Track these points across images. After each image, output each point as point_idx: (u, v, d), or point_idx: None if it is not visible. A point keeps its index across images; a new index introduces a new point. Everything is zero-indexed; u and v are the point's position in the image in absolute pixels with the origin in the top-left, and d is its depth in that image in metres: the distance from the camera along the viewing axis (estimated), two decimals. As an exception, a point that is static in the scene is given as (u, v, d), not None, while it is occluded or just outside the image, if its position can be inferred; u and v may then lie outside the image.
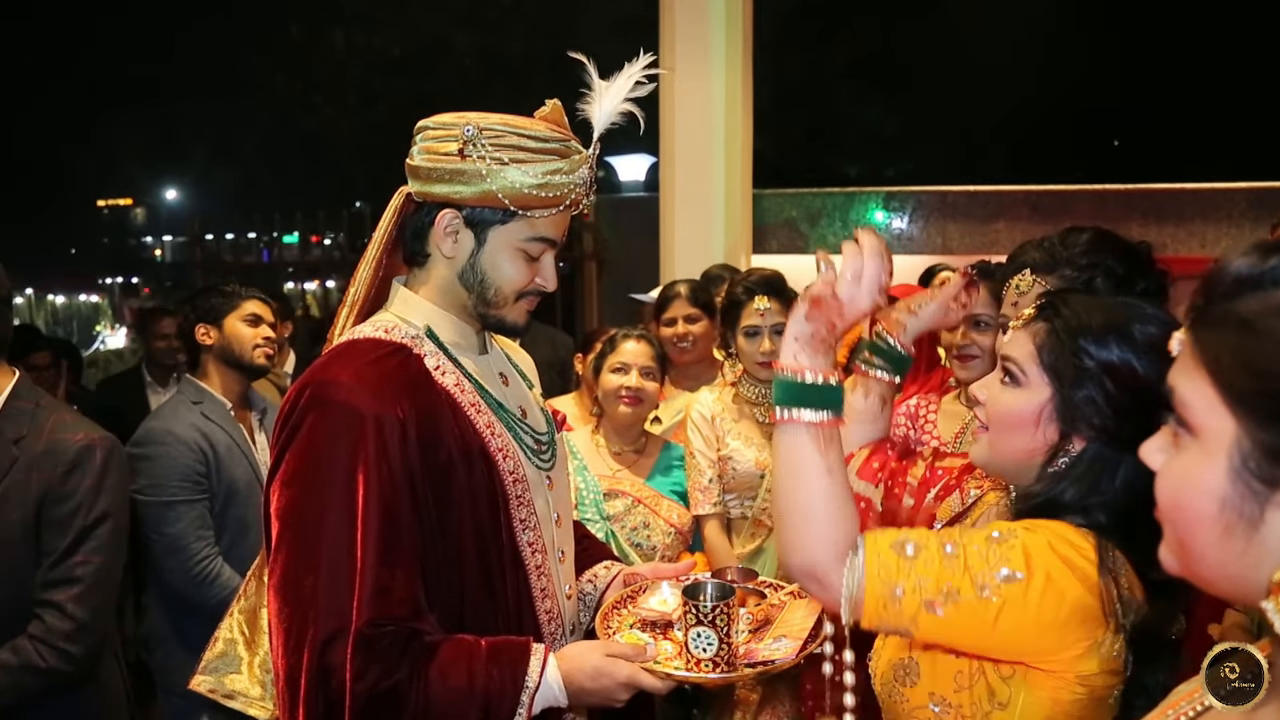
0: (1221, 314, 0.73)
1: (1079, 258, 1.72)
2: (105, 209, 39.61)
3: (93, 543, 1.86)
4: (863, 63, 14.94)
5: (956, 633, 1.19)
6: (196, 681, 1.74)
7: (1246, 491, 0.70)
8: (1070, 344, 1.26)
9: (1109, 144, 17.23)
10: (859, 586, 1.17)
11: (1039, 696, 1.22)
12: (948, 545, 1.19)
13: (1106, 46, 15.10)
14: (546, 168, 1.45)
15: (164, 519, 2.59)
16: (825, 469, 1.20)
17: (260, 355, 2.79)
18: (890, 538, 1.20)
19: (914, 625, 1.18)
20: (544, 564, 1.57)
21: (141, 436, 2.67)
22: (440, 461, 1.44)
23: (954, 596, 1.16)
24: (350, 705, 1.32)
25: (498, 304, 1.54)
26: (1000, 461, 1.35)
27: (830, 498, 1.20)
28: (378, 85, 15.17)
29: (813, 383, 1.22)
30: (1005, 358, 1.33)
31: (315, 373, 1.46)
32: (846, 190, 7.78)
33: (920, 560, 1.18)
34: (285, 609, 1.37)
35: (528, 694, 1.38)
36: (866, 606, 1.18)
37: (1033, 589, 1.16)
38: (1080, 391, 1.25)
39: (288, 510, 1.39)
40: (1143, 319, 1.27)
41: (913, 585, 1.17)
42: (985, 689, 1.25)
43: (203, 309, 2.80)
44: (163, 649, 2.74)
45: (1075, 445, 1.27)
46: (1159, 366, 1.20)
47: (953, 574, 1.17)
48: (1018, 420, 1.30)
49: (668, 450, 2.83)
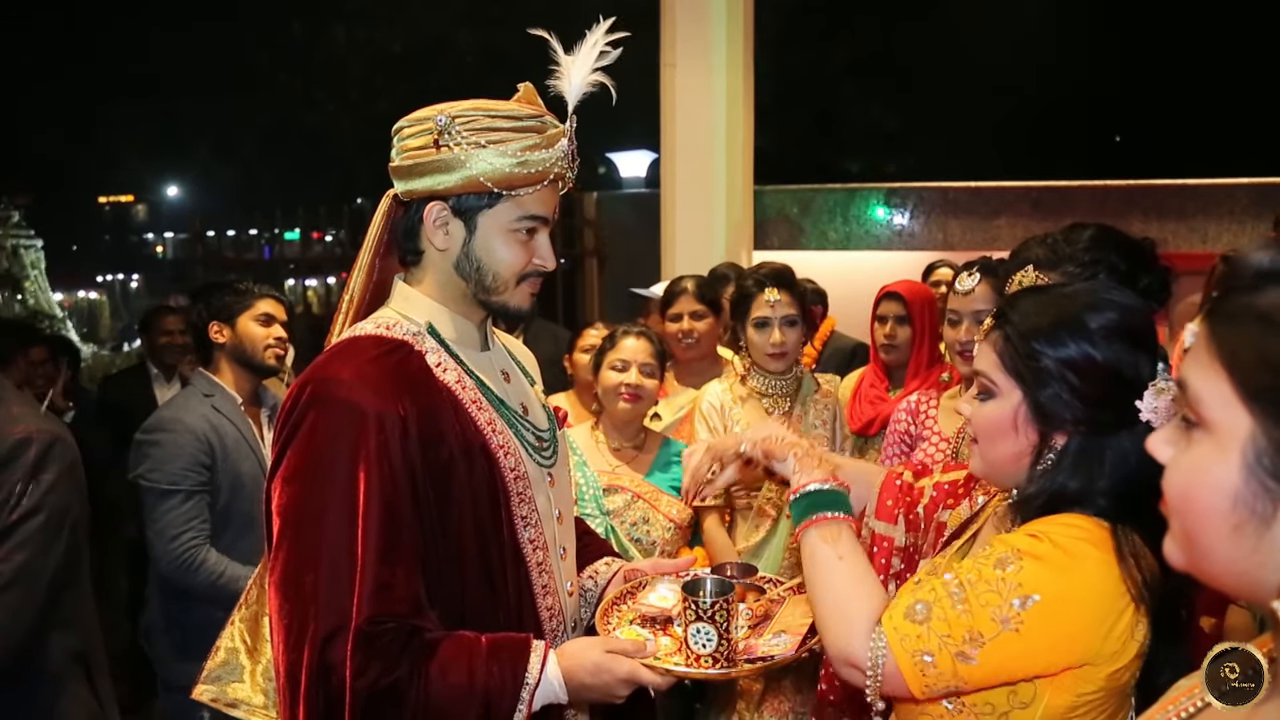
0: (1240, 308, 0.71)
1: (1081, 254, 1.73)
2: (106, 205, 39.64)
3: (16, 538, 1.78)
4: (864, 59, 14.92)
5: (1005, 669, 1.21)
6: (199, 691, 1.73)
7: (1260, 489, 0.69)
8: (1024, 347, 1.30)
9: (1111, 140, 17.21)
10: (892, 669, 1.23)
11: (1062, 696, 1.23)
12: (954, 591, 1.23)
13: (1108, 42, 15.07)
14: (523, 144, 1.45)
15: (159, 504, 2.61)
16: (838, 557, 1.34)
17: (272, 356, 2.81)
18: (902, 607, 1.26)
19: (961, 681, 1.22)
20: (545, 561, 1.56)
21: (151, 424, 2.71)
22: (441, 458, 1.44)
23: (979, 640, 1.19)
24: (350, 702, 1.32)
25: (497, 289, 1.53)
26: (993, 469, 1.39)
27: (849, 581, 1.33)
28: (379, 82, 15.16)
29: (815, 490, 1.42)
30: (976, 372, 1.38)
31: (316, 370, 1.46)
32: (848, 186, 7.77)
33: (935, 619, 1.22)
34: (285, 605, 1.37)
35: (528, 690, 1.38)
36: (910, 683, 1.23)
37: (1049, 605, 1.18)
38: (1046, 390, 1.28)
39: (289, 507, 1.39)
40: (1096, 306, 1.29)
41: (937, 645, 1.21)
42: (1005, 689, 1.25)
43: (216, 307, 2.81)
44: (162, 640, 2.75)
45: (1058, 441, 1.30)
46: (1118, 350, 1.26)
47: (969, 620, 1.20)
48: (998, 428, 1.34)
49: (667, 446, 2.84)
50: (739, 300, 2.83)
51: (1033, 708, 1.24)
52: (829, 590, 1.33)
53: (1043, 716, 1.23)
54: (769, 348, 2.74)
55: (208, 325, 2.80)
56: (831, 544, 1.35)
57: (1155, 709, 0.86)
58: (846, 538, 1.37)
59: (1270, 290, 0.70)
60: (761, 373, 2.82)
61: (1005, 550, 1.24)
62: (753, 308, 2.77)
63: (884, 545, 1.67)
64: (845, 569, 1.34)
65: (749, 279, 2.84)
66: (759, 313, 2.75)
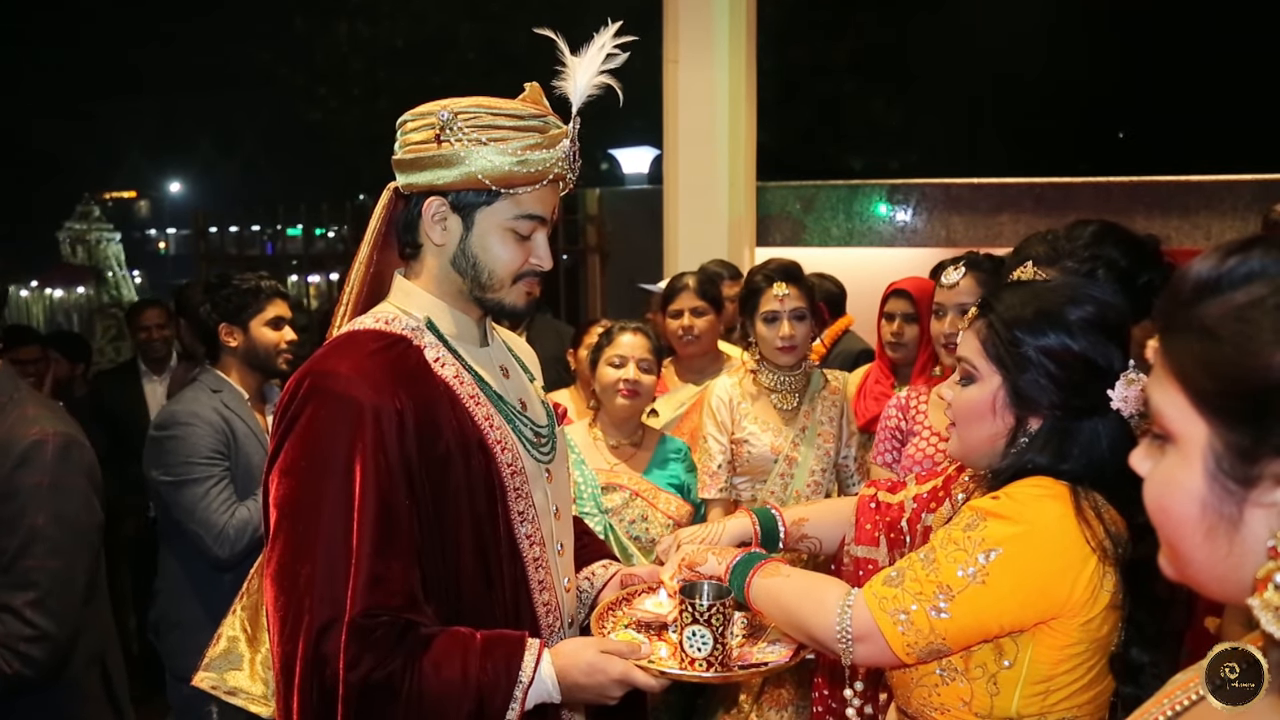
0: (1184, 321, 0.73)
1: (1081, 250, 1.73)
2: (109, 201, 39.65)
3: (46, 545, 1.76)
4: (866, 55, 14.87)
5: (978, 621, 1.29)
6: (199, 678, 1.74)
7: (1223, 492, 0.72)
8: (1006, 335, 1.39)
9: (1113, 136, 17.17)
10: (866, 625, 1.33)
11: (1044, 651, 1.30)
12: (922, 554, 1.34)
13: (1110, 38, 15.03)
14: (524, 143, 1.45)
15: (192, 496, 2.57)
16: (783, 578, 1.47)
17: (284, 361, 2.81)
18: (881, 576, 1.37)
19: (939, 638, 1.30)
20: (542, 556, 1.57)
21: (165, 420, 2.69)
22: (438, 453, 1.44)
23: (947, 592, 1.29)
24: (343, 694, 1.32)
25: (493, 287, 1.53)
26: (969, 451, 1.47)
27: (804, 584, 1.45)
28: (382, 77, 15.12)
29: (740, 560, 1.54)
30: (959, 358, 1.47)
31: (315, 364, 1.46)
32: (850, 183, 7.76)
33: (908, 578, 1.33)
34: (281, 597, 1.38)
35: (521, 688, 1.38)
36: (892, 645, 1.32)
37: (1011, 556, 1.27)
38: (1025, 376, 1.37)
39: (285, 499, 1.40)
40: (1076, 300, 1.37)
41: (910, 602, 1.31)
42: (993, 650, 1.33)
43: (226, 309, 2.79)
44: (175, 633, 2.72)
45: (1032, 424, 1.39)
46: (1094, 341, 1.35)
47: (937, 574, 1.30)
48: (977, 412, 1.43)
49: (665, 443, 2.85)
50: (748, 295, 2.85)
51: (1017, 666, 1.31)
52: (792, 598, 1.43)
53: (1030, 674, 1.31)
54: (778, 341, 2.75)
55: (217, 326, 2.79)
56: (773, 576, 1.48)
57: (1151, 703, 0.86)
58: (782, 567, 1.50)
59: (1208, 301, 0.72)
60: (770, 368, 2.83)
61: (971, 514, 1.34)
62: (761, 302, 2.78)
63: (869, 569, 1.70)
64: (796, 580, 1.46)
65: (758, 274, 2.85)
66: (768, 307, 2.77)
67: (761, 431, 2.81)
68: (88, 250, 21.65)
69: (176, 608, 2.73)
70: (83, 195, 21.84)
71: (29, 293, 20.61)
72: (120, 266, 21.86)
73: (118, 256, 21.92)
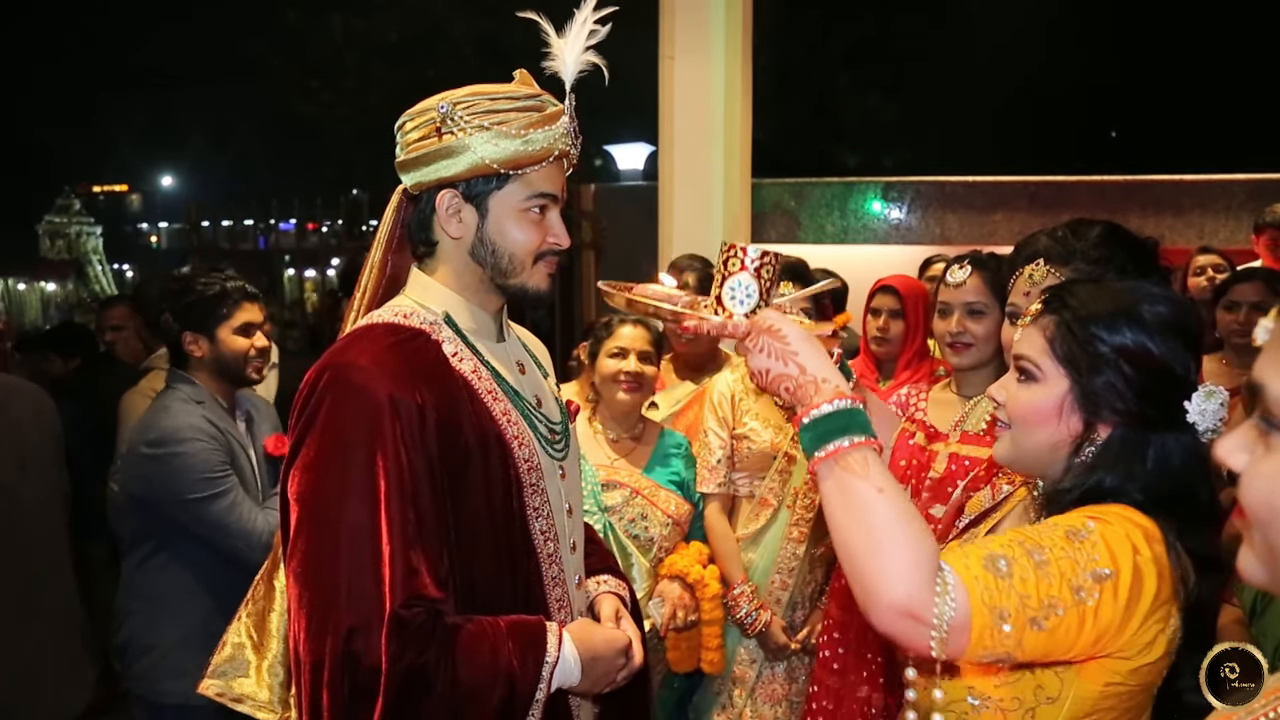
0: None
1: (1092, 250, 1.73)
2: (101, 195, 39.48)
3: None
4: (862, 52, 14.87)
5: (1062, 643, 1.13)
6: (205, 685, 1.74)
7: None
8: (1082, 333, 1.27)
9: (1107, 135, 17.20)
10: (964, 616, 1.07)
11: (1090, 688, 1.20)
12: (1034, 553, 1.13)
13: (1105, 37, 15.06)
14: (525, 121, 1.47)
15: (223, 509, 2.45)
16: (875, 489, 1.10)
17: (254, 371, 2.63)
18: (978, 555, 1.12)
19: (1018, 649, 1.11)
20: (555, 552, 1.58)
21: (159, 437, 2.47)
22: (458, 447, 1.45)
23: (1055, 608, 1.10)
24: (384, 687, 1.32)
25: (515, 271, 1.54)
26: (1025, 457, 1.34)
27: (894, 518, 1.09)
28: (375, 71, 15.07)
29: (829, 412, 1.16)
30: (1019, 356, 1.33)
31: (334, 355, 1.46)
32: (845, 180, 7.75)
33: (1016, 577, 1.10)
34: (306, 594, 1.37)
35: (548, 669, 1.41)
36: (973, 641, 1.09)
37: (1122, 583, 1.13)
38: (1099, 378, 1.25)
39: (308, 494, 1.39)
40: (1150, 299, 1.28)
41: (1017, 605, 1.09)
42: (1032, 684, 1.22)
43: (188, 317, 2.57)
44: (147, 657, 2.52)
45: (1101, 433, 1.27)
46: (1172, 345, 1.24)
47: (1050, 584, 1.11)
48: (1039, 415, 1.30)
49: (665, 438, 2.83)
50: None
51: (1059, 703, 1.20)
52: (873, 530, 1.09)
53: (1071, 710, 1.20)
54: None
55: (180, 335, 2.58)
56: (862, 477, 1.11)
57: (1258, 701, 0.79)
58: (877, 467, 1.13)
59: None
60: None
61: (1074, 522, 1.16)
62: None
63: None
64: (887, 504, 1.09)
65: None
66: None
67: (763, 427, 2.81)
68: (67, 244, 21.46)
69: (150, 630, 2.53)
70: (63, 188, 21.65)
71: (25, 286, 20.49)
72: (101, 260, 21.67)
73: (98, 250, 21.72)
